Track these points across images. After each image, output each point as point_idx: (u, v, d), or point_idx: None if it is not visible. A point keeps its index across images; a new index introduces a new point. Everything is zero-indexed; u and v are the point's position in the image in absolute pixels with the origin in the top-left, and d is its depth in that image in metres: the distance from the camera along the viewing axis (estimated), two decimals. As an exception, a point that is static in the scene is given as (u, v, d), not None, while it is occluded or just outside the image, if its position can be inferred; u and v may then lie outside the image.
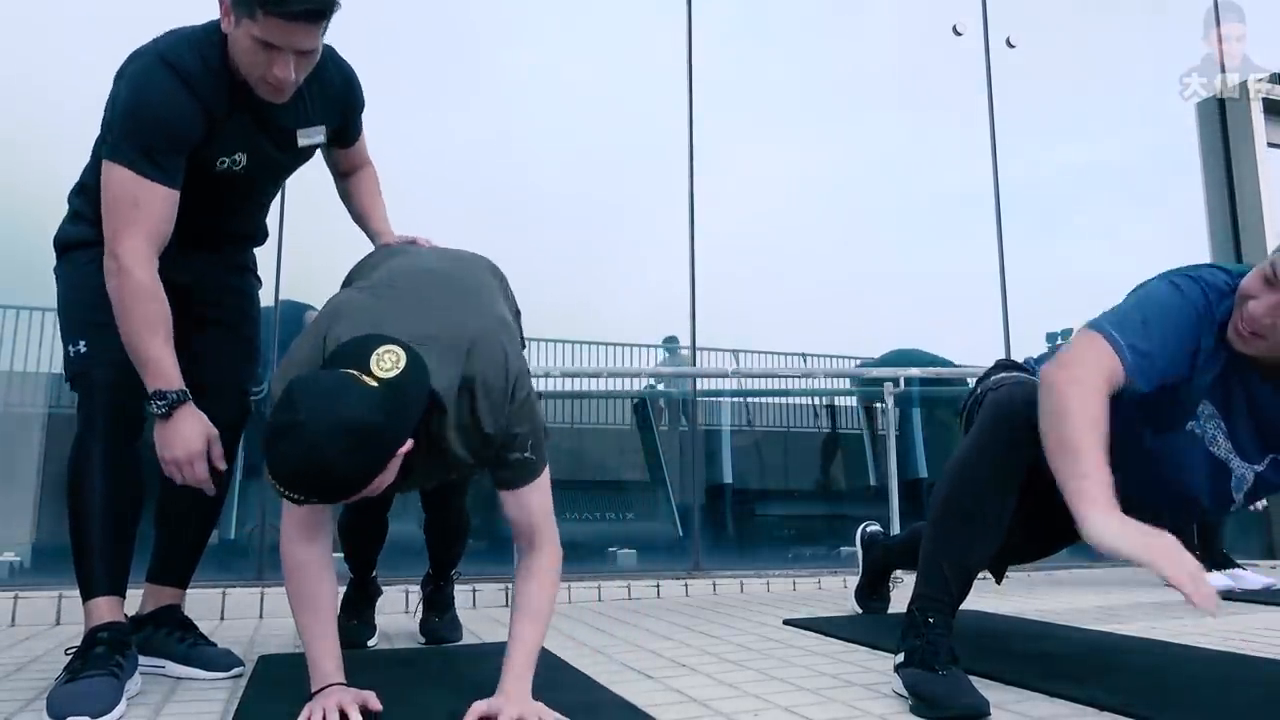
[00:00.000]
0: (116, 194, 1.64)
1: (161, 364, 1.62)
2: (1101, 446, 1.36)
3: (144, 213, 1.64)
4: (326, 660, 1.45)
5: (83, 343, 1.73)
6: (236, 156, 1.77)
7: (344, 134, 2.01)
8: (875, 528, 2.78)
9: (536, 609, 1.50)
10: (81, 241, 1.78)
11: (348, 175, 2.12)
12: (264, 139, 1.80)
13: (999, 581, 1.91)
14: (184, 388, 1.64)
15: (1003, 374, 1.81)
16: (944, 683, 1.50)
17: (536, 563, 1.54)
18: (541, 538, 1.54)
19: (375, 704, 1.43)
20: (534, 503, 1.54)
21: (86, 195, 1.80)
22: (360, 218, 2.13)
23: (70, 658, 1.64)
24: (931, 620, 1.58)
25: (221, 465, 1.70)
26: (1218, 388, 1.55)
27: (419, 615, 2.34)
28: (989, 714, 1.45)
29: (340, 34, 2.06)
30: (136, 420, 1.77)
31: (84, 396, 1.75)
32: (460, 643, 2.26)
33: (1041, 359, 1.89)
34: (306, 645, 1.45)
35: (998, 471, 1.59)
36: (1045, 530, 1.84)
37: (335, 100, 1.90)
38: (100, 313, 1.73)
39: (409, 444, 1.28)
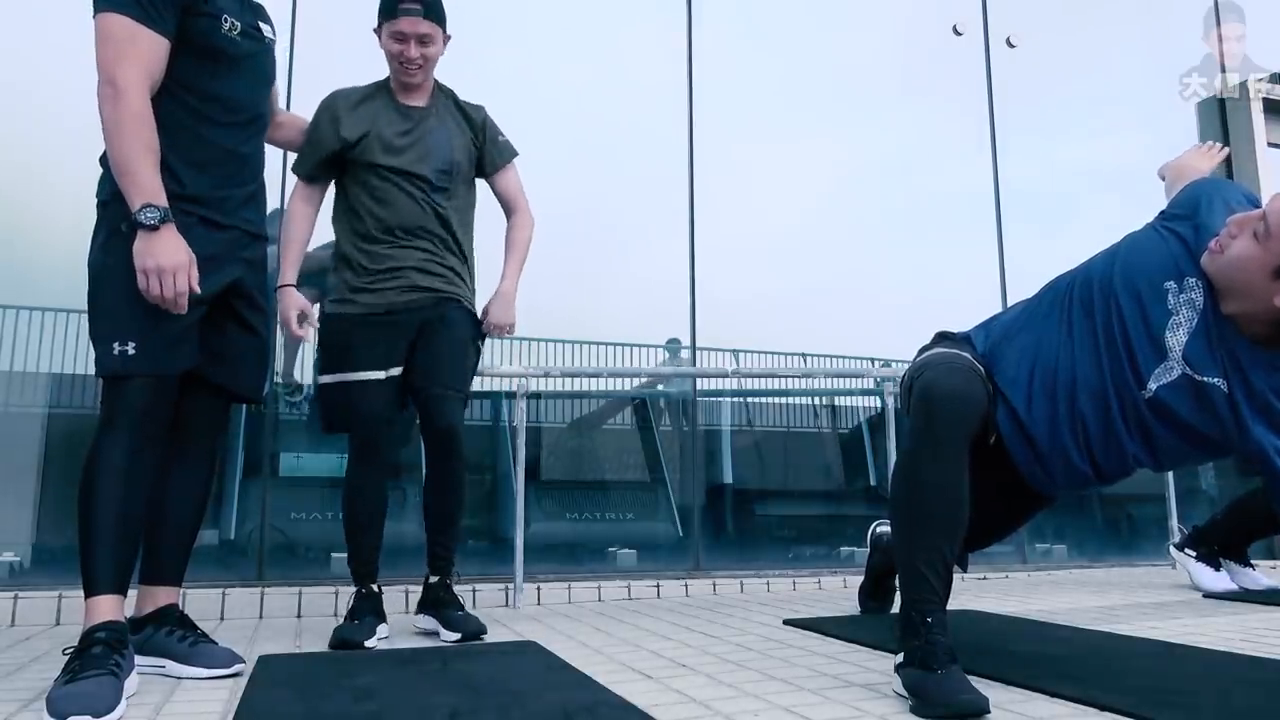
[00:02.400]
0: (112, 35, 1.75)
1: (151, 182, 1.73)
2: None
3: (141, 49, 1.76)
4: (290, 269, 2.30)
5: (132, 344, 1.74)
6: (235, 22, 1.92)
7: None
8: (885, 527, 2.77)
9: (523, 240, 2.54)
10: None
11: (274, 114, 2.34)
12: (246, 18, 1.97)
13: (964, 570, 1.92)
14: (166, 207, 1.73)
15: (929, 353, 1.81)
16: (943, 681, 1.50)
17: (520, 218, 2.56)
18: (521, 204, 2.56)
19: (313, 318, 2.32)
20: (515, 177, 2.56)
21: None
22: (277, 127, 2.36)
23: (68, 658, 1.64)
24: (930, 620, 1.58)
25: (197, 289, 1.76)
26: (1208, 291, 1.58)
27: (436, 625, 2.31)
28: (989, 712, 1.45)
29: (337, 30, 2.07)
30: (163, 426, 1.82)
31: (113, 396, 1.77)
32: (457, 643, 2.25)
33: (985, 328, 1.89)
34: (283, 252, 2.33)
35: (942, 467, 1.61)
36: (994, 513, 1.89)
37: (269, 22, 2.13)
38: (150, 315, 1.75)
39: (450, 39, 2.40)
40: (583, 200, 3.78)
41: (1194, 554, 3.30)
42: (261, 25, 2.03)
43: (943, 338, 1.93)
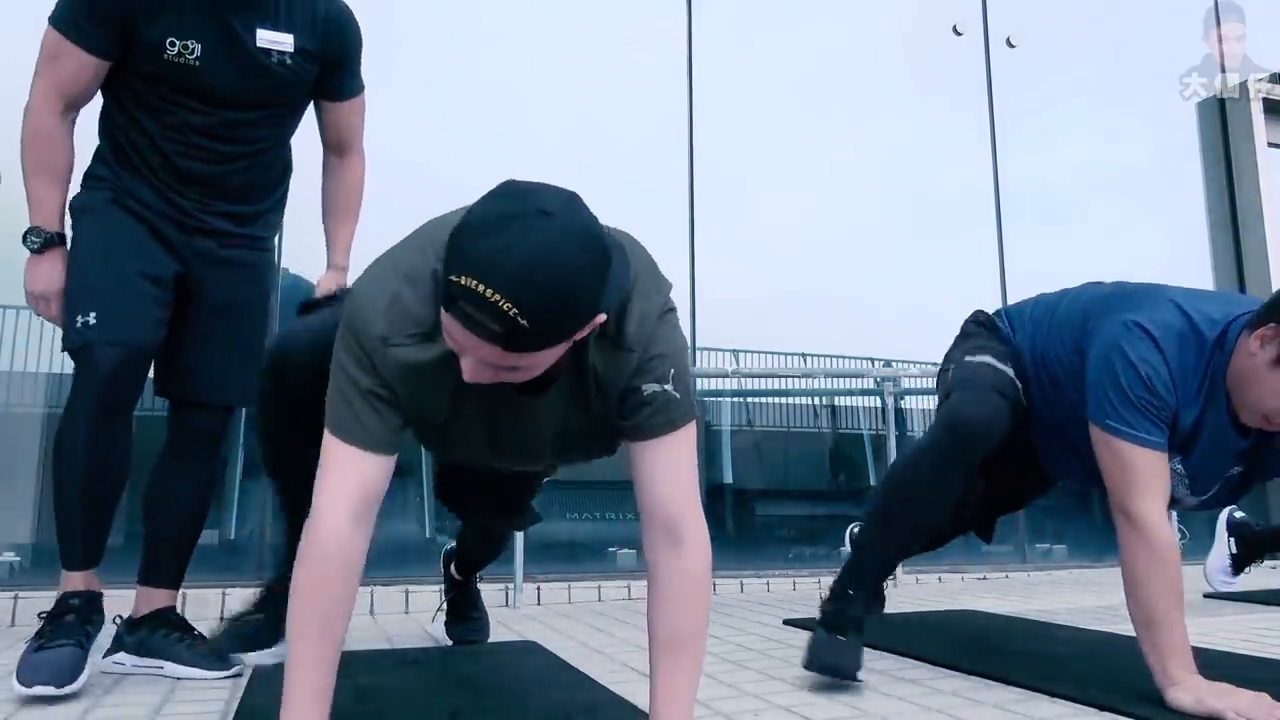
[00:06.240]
0: (41, 50, 1.73)
1: (44, 203, 1.73)
2: (1181, 612, 1.51)
3: (59, 66, 1.71)
4: None
5: (93, 315, 1.70)
6: (189, 44, 1.71)
7: (331, 78, 1.90)
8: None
9: (687, 639, 1.15)
10: (89, 206, 1.79)
11: (330, 152, 2.01)
12: (221, 34, 1.72)
13: (989, 541, 2.11)
14: (62, 230, 1.74)
15: (966, 354, 1.84)
16: (835, 645, 1.68)
17: (683, 570, 1.15)
18: (689, 522, 1.16)
19: None
20: (681, 463, 1.18)
21: (98, 156, 1.83)
22: (326, 236, 2.02)
23: (42, 622, 1.73)
24: (852, 593, 1.75)
25: (55, 323, 1.74)
26: (1189, 435, 1.60)
27: (440, 618, 2.28)
28: (855, 680, 1.64)
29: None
30: (130, 399, 1.77)
31: (82, 369, 1.73)
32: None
33: (1020, 313, 1.91)
34: (294, 678, 1.10)
35: (941, 485, 1.72)
36: (1014, 496, 2.11)
37: (314, 22, 1.81)
38: (107, 283, 1.72)
39: (602, 318, 1.04)
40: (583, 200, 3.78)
41: (1235, 551, 3.11)
42: (263, 33, 1.76)
43: (978, 323, 1.96)
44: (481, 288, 0.94)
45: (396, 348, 1.11)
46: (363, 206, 2.09)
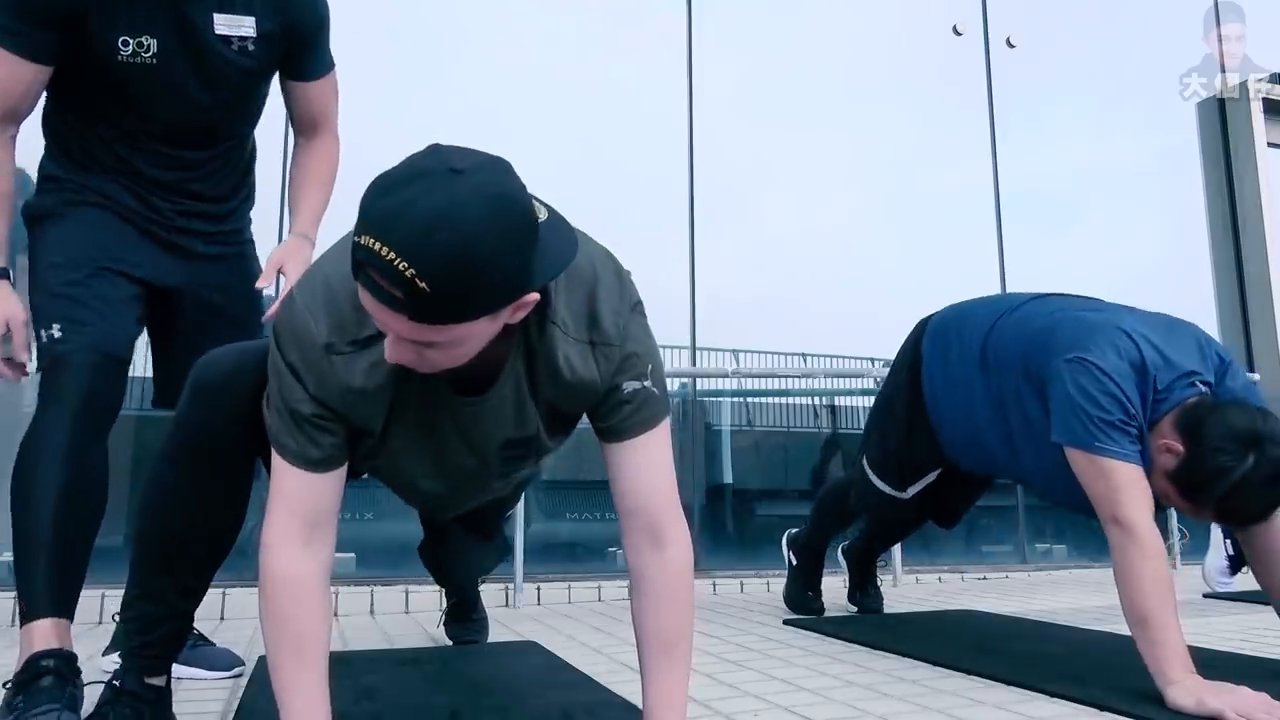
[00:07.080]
0: None
1: None
2: (1174, 612, 1.56)
3: None
4: None
5: (56, 327, 1.56)
6: (143, 40, 1.57)
7: (297, 58, 1.75)
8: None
9: (675, 639, 1.14)
10: (49, 210, 1.67)
11: (301, 135, 1.86)
12: (176, 24, 1.59)
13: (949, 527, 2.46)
14: (5, 266, 1.57)
15: (877, 459, 2.31)
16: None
17: (667, 570, 1.14)
18: (669, 521, 1.14)
19: None
20: (660, 462, 1.16)
21: (49, 155, 1.73)
22: (291, 205, 1.83)
23: (9, 691, 1.38)
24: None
25: (21, 357, 1.56)
26: None
27: (442, 620, 2.26)
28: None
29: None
30: (109, 413, 1.60)
31: (48, 381, 1.56)
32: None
33: (962, 339, 2.11)
34: (285, 708, 1.08)
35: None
36: (958, 498, 2.35)
37: (258, 12, 1.65)
38: (77, 286, 1.59)
39: (534, 297, 0.97)
40: (582, 200, 3.76)
41: (1232, 552, 3.14)
42: (220, 18, 1.62)
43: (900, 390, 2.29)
44: (380, 247, 0.87)
45: (341, 355, 1.04)
46: (352, 206, 2.05)
